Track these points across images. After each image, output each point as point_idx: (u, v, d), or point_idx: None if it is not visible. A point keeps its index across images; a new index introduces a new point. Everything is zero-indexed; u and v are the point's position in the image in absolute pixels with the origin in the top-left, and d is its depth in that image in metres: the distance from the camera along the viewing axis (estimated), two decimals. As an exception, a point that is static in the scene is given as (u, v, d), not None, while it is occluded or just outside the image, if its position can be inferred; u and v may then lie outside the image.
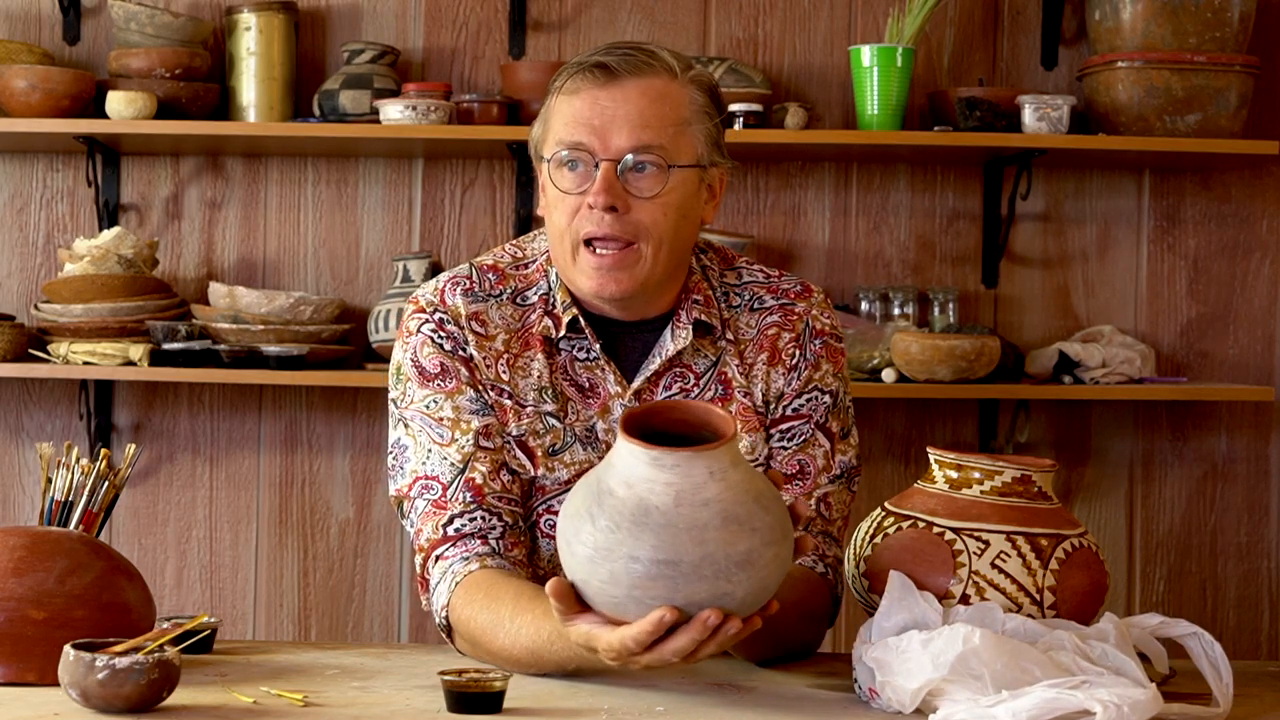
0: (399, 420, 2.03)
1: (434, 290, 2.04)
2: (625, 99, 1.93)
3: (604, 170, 1.92)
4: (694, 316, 2.02)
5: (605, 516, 1.58)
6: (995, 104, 3.30)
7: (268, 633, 3.53)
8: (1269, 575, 3.60)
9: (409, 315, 2.05)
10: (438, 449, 1.98)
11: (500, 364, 2.01)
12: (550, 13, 3.51)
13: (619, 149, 1.93)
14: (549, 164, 1.97)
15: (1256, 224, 3.58)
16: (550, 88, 2.00)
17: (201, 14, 3.48)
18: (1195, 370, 3.56)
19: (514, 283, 2.05)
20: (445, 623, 1.94)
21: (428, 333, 2.01)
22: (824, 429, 2.05)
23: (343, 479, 3.54)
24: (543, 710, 1.67)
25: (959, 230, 3.53)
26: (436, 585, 1.95)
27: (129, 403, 3.53)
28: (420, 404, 2.00)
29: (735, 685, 1.80)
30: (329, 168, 3.52)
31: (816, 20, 3.52)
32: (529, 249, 2.09)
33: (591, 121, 1.93)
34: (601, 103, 1.93)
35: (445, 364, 2.00)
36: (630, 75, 1.93)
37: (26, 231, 3.53)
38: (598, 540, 1.58)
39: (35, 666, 1.71)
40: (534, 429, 1.99)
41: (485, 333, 2.01)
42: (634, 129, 1.93)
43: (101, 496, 1.98)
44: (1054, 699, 1.53)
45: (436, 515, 1.96)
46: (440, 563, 1.95)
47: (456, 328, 2.01)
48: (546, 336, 2.01)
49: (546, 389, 2.00)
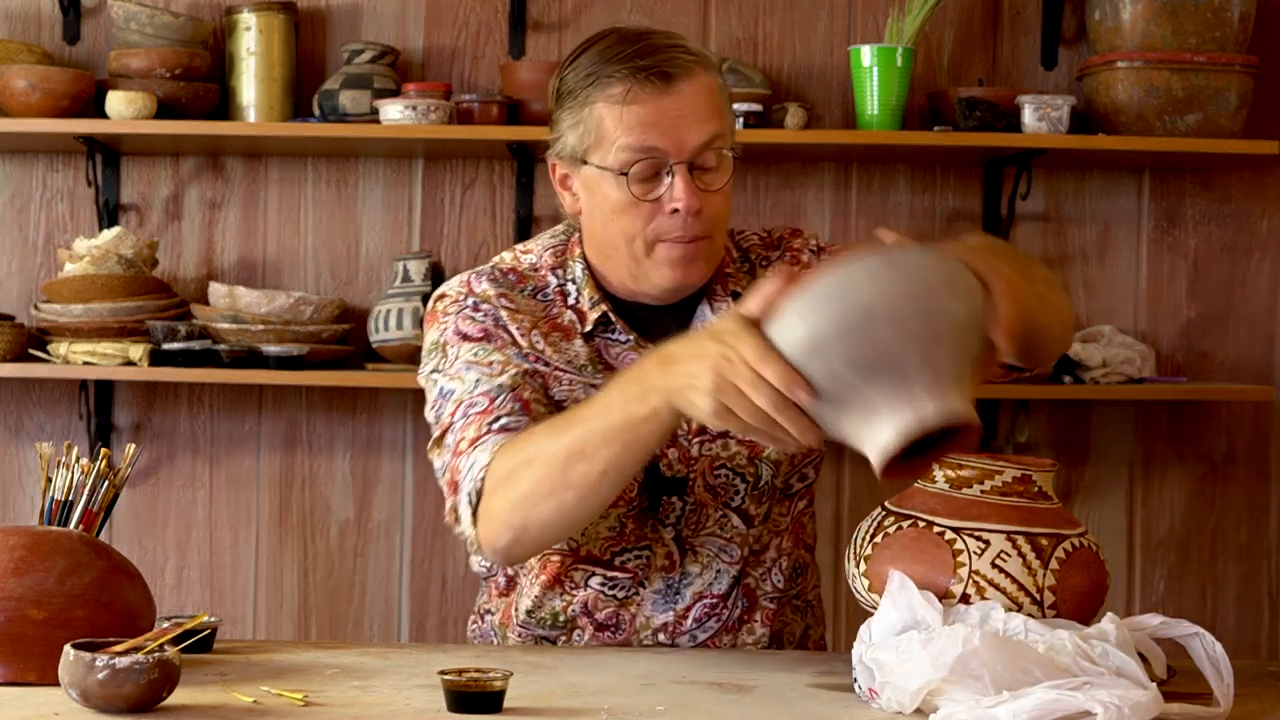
0: (439, 379, 2.02)
1: (459, 283, 2.08)
2: (687, 100, 1.97)
3: (682, 174, 1.97)
4: (730, 289, 2.08)
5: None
6: (995, 104, 3.30)
7: (268, 633, 3.53)
8: (1269, 575, 3.60)
9: (440, 305, 2.07)
10: (485, 378, 1.97)
11: (534, 335, 2.04)
12: (550, 13, 3.51)
13: (693, 148, 1.97)
14: (609, 172, 1.98)
15: (1256, 224, 3.58)
16: (574, 89, 2.01)
17: (201, 14, 3.48)
18: (1195, 370, 3.56)
19: (531, 282, 2.09)
20: (479, 487, 1.87)
21: (467, 311, 2.05)
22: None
23: (343, 479, 3.54)
24: (543, 710, 1.67)
25: (959, 230, 3.53)
26: (475, 461, 1.89)
27: (129, 403, 3.53)
28: (466, 356, 2.00)
29: (735, 685, 1.80)
30: (329, 168, 3.53)
31: (816, 20, 3.52)
32: (527, 255, 2.13)
33: (661, 125, 1.96)
34: (667, 108, 1.96)
35: (488, 329, 2.03)
36: (685, 78, 1.97)
37: (26, 231, 3.53)
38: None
39: (35, 666, 1.71)
40: (575, 396, 2.01)
41: (516, 308, 2.05)
42: (701, 125, 1.97)
43: (101, 496, 1.98)
44: (1055, 700, 1.53)
45: (481, 419, 1.93)
46: (480, 445, 1.91)
47: (490, 306, 2.05)
48: (576, 327, 2.05)
49: (586, 366, 2.04)
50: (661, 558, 2.07)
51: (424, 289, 3.34)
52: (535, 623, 2.10)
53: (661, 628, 2.07)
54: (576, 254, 2.09)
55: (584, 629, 2.08)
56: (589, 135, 2.00)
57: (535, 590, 2.09)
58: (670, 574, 2.07)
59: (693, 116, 1.97)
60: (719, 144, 1.99)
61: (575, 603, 2.08)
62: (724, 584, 2.08)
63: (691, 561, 2.07)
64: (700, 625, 2.08)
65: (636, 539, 2.06)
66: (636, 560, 2.06)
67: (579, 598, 2.08)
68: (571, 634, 2.09)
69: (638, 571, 2.06)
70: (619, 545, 2.06)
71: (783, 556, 2.13)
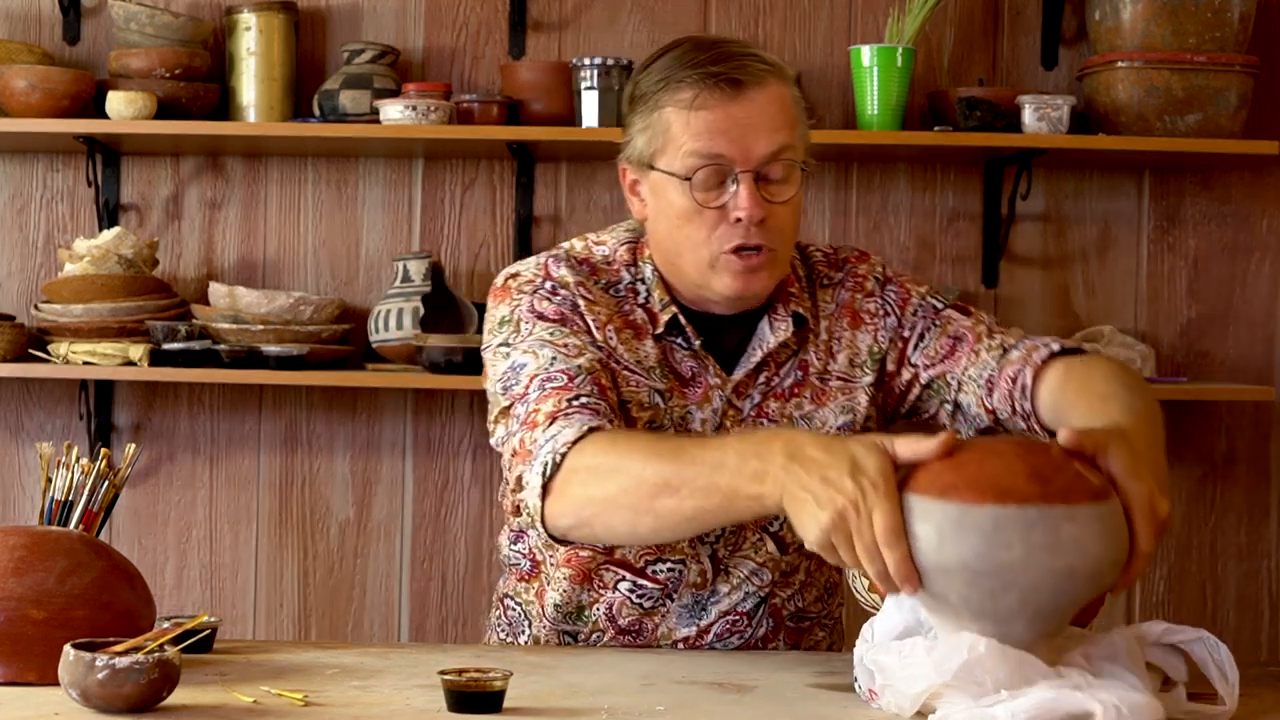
0: (511, 353, 1.98)
1: (536, 265, 2.06)
2: (758, 108, 1.96)
3: (747, 183, 1.96)
4: (791, 309, 2.07)
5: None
6: (995, 104, 3.30)
7: (268, 633, 3.53)
8: (1269, 575, 3.60)
9: (513, 283, 2.04)
10: (562, 357, 1.94)
11: (609, 329, 2.02)
12: (550, 13, 3.51)
13: (760, 157, 1.96)
14: (675, 177, 1.98)
15: (1256, 224, 3.58)
16: (645, 93, 2.00)
17: (201, 14, 3.48)
18: (1195, 370, 3.56)
19: (604, 275, 2.07)
20: (557, 461, 1.81)
21: (543, 293, 2.02)
22: (951, 308, 2.12)
23: (343, 479, 3.54)
24: (543, 710, 1.67)
25: (959, 230, 3.53)
26: (558, 434, 1.84)
27: (129, 403, 3.53)
28: (542, 334, 1.98)
29: (735, 685, 1.80)
30: (329, 168, 3.53)
31: (816, 20, 3.52)
32: (600, 247, 2.10)
33: (729, 133, 1.95)
34: (736, 116, 1.96)
35: (565, 314, 2.01)
36: (755, 87, 1.96)
37: (26, 231, 3.53)
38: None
39: (35, 666, 1.71)
40: (639, 399, 2.01)
41: (593, 299, 2.03)
42: (770, 134, 1.96)
43: (101, 496, 1.98)
44: (1054, 699, 1.52)
45: (560, 394, 1.89)
46: (562, 419, 1.86)
47: (568, 293, 2.03)
48: (648, 326, 2.04)
49: (655, 369, 2.03)
50: (695, 573, 2.06)
51: (424, 289, 3.34)
52: (562, 617, 2.10)
53: (683, 639, 2.07)
54: (646, 255, 2.08)
55: (605, 630, 2.08)
56: (657, 139, 1.99)
57: (563, 584, 2.08)
58: (700, 590, 2.06)
59: (761, 125, 1.96)
60: (787, 155, 1.97)
61: (601, 603, 2.07)
62: (751, 604, 2.08)
63: (723, 581, 2.07)
64: (722, 640, 2.08)
65: (673, 551, 2.05)
66: (669, 573, 2.05)
67: (605, 599, 2.07)
68: (591, 634, 2.09)
69: (668, 584, 2.06)
70: (654, 555, 2.05)
71: (812, 578, 2.13)
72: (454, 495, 3.54)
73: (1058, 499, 1.57)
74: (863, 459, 1.59)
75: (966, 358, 2.07)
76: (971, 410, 2.07)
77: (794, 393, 2.07)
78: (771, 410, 2.06)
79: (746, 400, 2.06)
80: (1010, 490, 1.56)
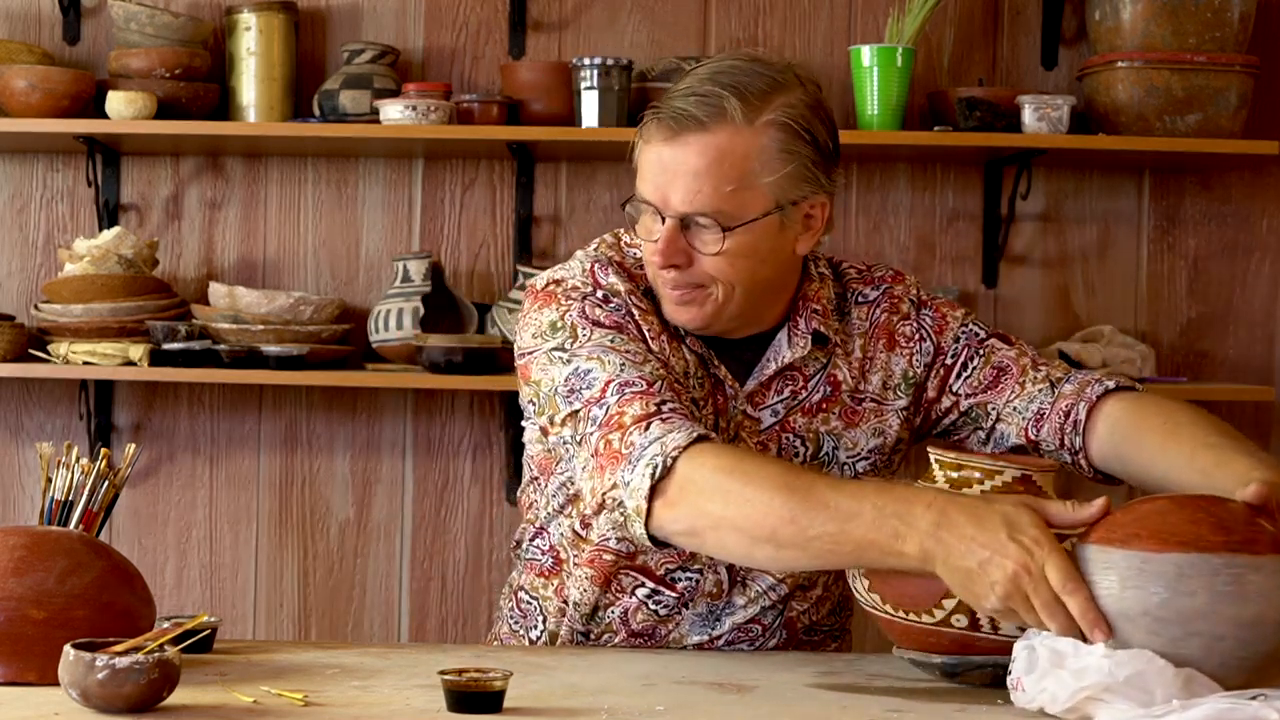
0: (572, 358, 1.93)
1: (581, 271, 2.02)
2: (684, 158, 1.91)
3: (666, 229, 1.93)
4: (813, 327, 2.04)
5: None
6: (995, 104, 3.30)
7: (268, 633, 3.53)
8: (1269, 575, 3.59)
9: (559, 289, 2.00)
10: (631, 365, 1.90)
11: (662, 339, 2.00)
12: (550, 13, 3.51)
13: (676, 211, 1.93)
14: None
15: (1256, 224, 3.58)
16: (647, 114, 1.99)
17: (201, 14, 3.48)
18: (1195, 370, 3.56)
19: (642, 282, 2.04)
20: (668, 464, 1.77)
21: (594, 300, 1.98)
22: (994, 336, 2.12)
23: (343, 479, 3.54)
24: (543, 710, 1.67)
25: (959, 230, 3.53)
26: (661, 436, 1.79)
27: (129, 403, 3.53)
28: (602, 341, 1.93)
29: (735, 685, 1.80)
30: (329, 168, 3.53)
31: (816, 20, 3.52)
32: (633, 249, 2.07)
33: (656, 179, 1.93)
34: (664, 160, 1.93)
35: (620, 322, 1.97)
36: (694, 131, 1.91)
37: (26, 231, 3.53)
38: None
39: (35, 666, 1.71)
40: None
41: (644, 308, 2.01)
42: (688, 194, 1.91)
43: (101, 496, 1.98)
44: (1227, 710, 1.48)
45: (645, 399, 1.84)
46: (660, 423, 1.81)
47: (621, 301, 1.99)
48: (680, 333, 2.03)
49: (690, 375, 2.01)
50: (711, 584, 2.06)
51: (424, 289, 3.34)
52: (578, 615, 2.09)
53: (694, 645, 2.08)
54: None
55: (618, 632, 2.08)
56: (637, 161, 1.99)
57: (583, 583, 2.07)
58: (715, 601, 2.06)
59: (683, 181, 1.92)
60: (705, 219, 1.92)
61: (617, 606, 2.07)
62: (767, 618, 2.08)
63: (739, 594, 2.07)
64: (733, 648, 2.08)
65: (694, 560, 2.04)
66: (686, 582, 2.05)
67: (622, 603, 2.07)
68: (603, 635, 2.09)
69: (685, 593, 2.06)
70: (675, 562, 2.04)
71: (829, 592, 2.13)
72: (454, 495, 3.54)
73: (1243, 549, 1.57)
74: (1015, 518, 1.61)
75: (1011, 390, 2.07)
76: (1008, 440, 2.07)
77: (822, 408, 2.06)
78: (799, 425, 2.05)
79: (766, 411, 2.04)
80: (1194, 539, 1.57)
